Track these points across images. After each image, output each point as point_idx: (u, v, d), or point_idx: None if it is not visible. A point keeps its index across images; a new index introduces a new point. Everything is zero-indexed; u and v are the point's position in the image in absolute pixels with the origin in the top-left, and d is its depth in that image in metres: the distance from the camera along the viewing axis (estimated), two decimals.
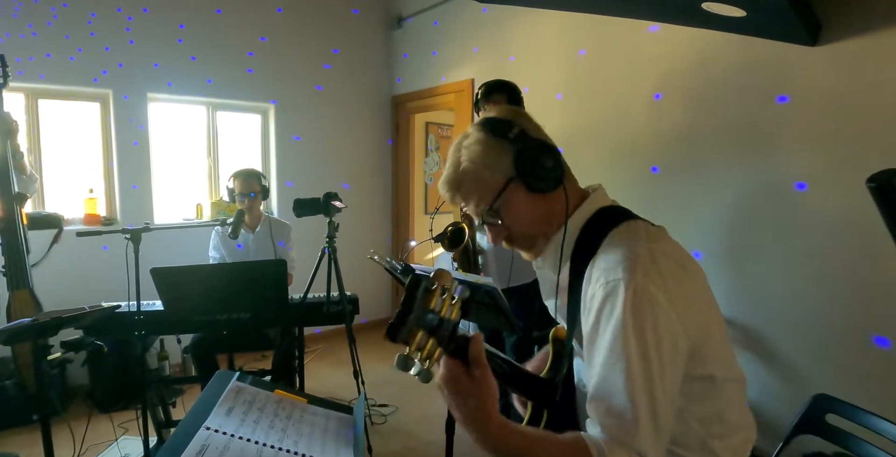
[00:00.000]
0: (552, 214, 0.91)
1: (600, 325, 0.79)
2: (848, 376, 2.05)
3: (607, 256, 0.82)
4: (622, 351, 0.75)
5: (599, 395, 0.78)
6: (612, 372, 0.76)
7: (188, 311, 2.12)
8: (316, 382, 3.34)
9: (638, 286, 0.76)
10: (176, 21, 3.44)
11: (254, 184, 2.80)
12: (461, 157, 0.90)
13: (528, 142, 0.87)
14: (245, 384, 1.01)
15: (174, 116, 3.68)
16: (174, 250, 3.19)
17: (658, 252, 0.81)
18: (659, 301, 0.76)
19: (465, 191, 0.91)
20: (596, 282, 0.80)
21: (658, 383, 0.75)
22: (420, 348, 0.66)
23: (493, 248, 2.37)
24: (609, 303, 0.78)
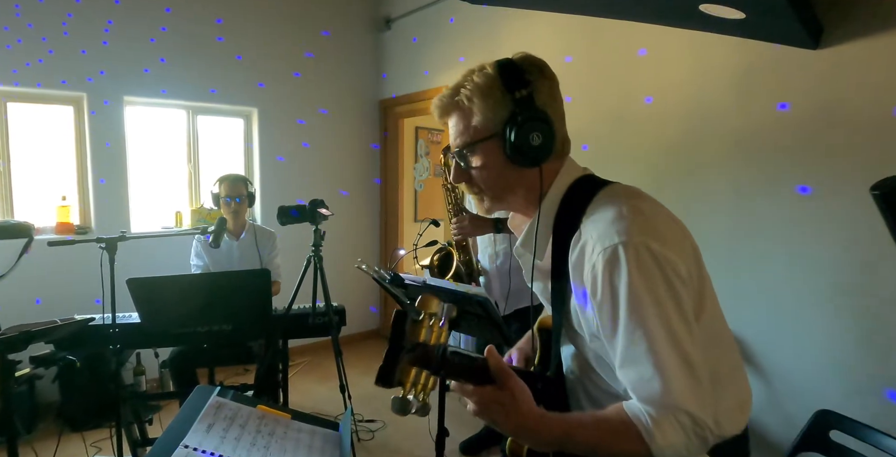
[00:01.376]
0: (517, 185, 0.92)
1: (609, 293, 0.78)
2: (852, 392, 2.05)
3: (595, 224, 0.82)
4: (640, 314, 0.75)
5: (627, 363, 0.78)
6: (635, 337, 0.76)
7: (166, 323, 2.10)
8: (301, 396, 3.31)
9: (638, 245, 0.76)
10: (155, 22, 3.43)
11: (241, 188, 2.79)
12: (463, 87, 0.90)
13: (528, 109, 0.86)
14: (226, 400, 1.00)
15: (152, 121, 3.66)
16: (152, 260, 3.16)
17: (643, 208, 0.82)
18: (663, 254, 0.77)
19: (451, 120, 0.92)
20: (592, 252, 0.80)
21: (684, 337, 0.75)
22: (415, 384, 0.66)
23: (496, 270, 2.34)
24: (612, 269, 0.77)
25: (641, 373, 0.76)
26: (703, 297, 0.83)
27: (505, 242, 2.33)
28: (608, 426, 0.76)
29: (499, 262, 2.34)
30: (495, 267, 2.34)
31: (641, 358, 0.75)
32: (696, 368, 0.75)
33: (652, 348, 0.74)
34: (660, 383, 0.74)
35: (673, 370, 0.74)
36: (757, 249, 2.30)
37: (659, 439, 0.73)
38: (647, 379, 0.75)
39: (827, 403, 1.72)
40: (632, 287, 0.76)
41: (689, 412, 0.73)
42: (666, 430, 0.73)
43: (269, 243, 2.90)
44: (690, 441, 0.74)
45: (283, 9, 3.96)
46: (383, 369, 0.65)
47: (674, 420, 0.73)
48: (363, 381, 3.61)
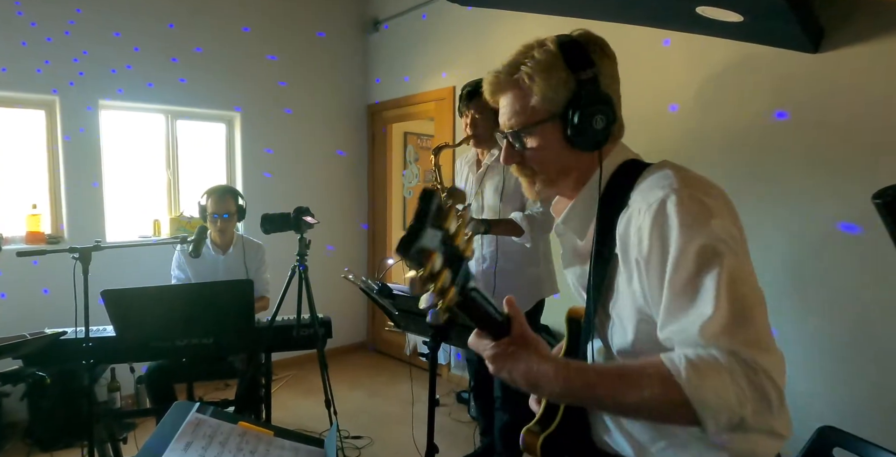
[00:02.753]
0: (572, 169, 0.90)
1: (659, 247, 0.74)
2: (856, 408, 2.06)
3: (642, 193, 0.81)
4: (691, 256, 0.70)
5: (670, 316, 0.71)
6: (684, 285, 0.70)
7: (143, 336, 2.07)
8: (284, 412, 3.28)
9: (686, 195, 0.74)
10: (131, 24, 3.42)
11: (230, 203, 2.75)
12: (524, 64, 0.87)
13: (593, 91, 0.85)
14: (205, 416, 0.98)
15: (129, 125, 3.63)
16: (128, 271, 3.13)
17: (692, 175, 0.81)
18: (713, 204, 0.74)
19: (507, 98, 0.90)
20: (639, 214, 0.77)
21: (742, 276, 0.69)
22: (434, 274, 0.59)
23: (482, 273, 2.36)
24: (660, 219, 0.74)
25: (686, 319, 0.68)
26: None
27: (492, 244, 2.32)
28: (633, 370, 0.69)
29: (485, 265, 2.34)
30: (481, 270, 2.34)
31: (689, 303, 0.69)
32: (756, 312, 0.68)
33: (702, 291, 0.68)
34: (704, 323, 0.66)
35: (725, 310, 0.66)
36: (754, 257, 2.31)
37: (693, 380, 0.63)
38: (691, 323, 0.68)
39: (829, 418, 1.73)
40: (681, 228, 0.72)
41: (740, 353, 0.64)
42: (703, 371, 0.63)
43: (256, 257, 2.87)
44: (742, 392, 0.63)
45: (268, 10, 3.97)
46: (405, 239, 0.57)
47: (717, 362, 0.64)
48: (350, 395, 3.59)
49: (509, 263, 2.30)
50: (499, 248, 2.30)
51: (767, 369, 0.64)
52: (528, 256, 2.31)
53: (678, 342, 0.69)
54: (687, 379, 0.63)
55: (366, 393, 3.68)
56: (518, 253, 2.29)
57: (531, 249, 2.26)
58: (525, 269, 2.33)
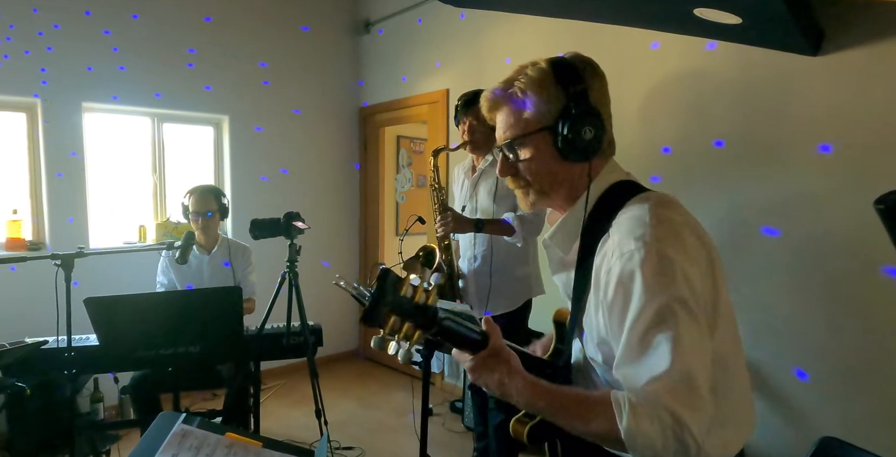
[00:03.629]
0: (564, 181, 0.97)
1: (621, 295, 0.82)
2: (858, 418, 2.06)
3: (619, 229, 0.88)
4: (649, 312, 0.79)
5: (627, 361, 0.81)
6: (640, 336, 0.79)
7: (128, 345, 2.06)
8: (273, 422, 3.26)
9: (655, 251, 0.81)
10: (115, 25, 3.41)
11: (211, 202, 2.76)
12: (517, 80, 0.95)
13: (582, 104, 0.92)
14: (192, 427, 0.98)
15: (114, 128, 3.61)
16: (113, 278, 3.11)
17: (666, 217, 0.86)
18: (679, 262, 0.81)
19: (501, 113, 0.98)
20: (612, 255, 0.85)
21: (688, 341, 0.77)
22: (395, 331, 0.78)
23: (473, 272, 2.44)
24: (627, 272, 0.82)
25: (637, 368, 0.79)
26: (716, 316, 0.86)
27: (484, 244, 2.40)
28: (587, 402, 0.82)
29: (476, 264, 2.43)
30: (472, 270, 2.43)
31: (646, 356, 0.78)
32: (697, 375, 0.76)
33: (654, 347, 0.78)
34: (651, 377, 0.76)
35: (670, 371, 0.76)
36: (754, 262, 2.32)
37: (631, 424, 0.75)
38: (639, 373, 0.78)
39: (830, 428, 1.72)
40: (645, 286, 0.80)
41: (673, 411, 0.74)
42: (641, 418, 0.75)
43: (243, 259, 2.87)
44: (667, 441, 0.74)
45: (256, 12, 3.97)
46: (365, 312, 0.78)
47: (653, 413, 0.75)
48: (341, 405, 3.57)
49: (501, 263, 2.39)
50: (492, 248, 2.38)
51: (692, 426, 0.74)
52: (519, 257, 2.41)
53: (627, 386, 0.81)
54: (626, 425, 0.76)
55: (357, 403, 3.66)
56: (510, 254, 2.39)
57: (521, 250, 2.36)
58: (516, 269, 2.43)
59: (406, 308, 0.78)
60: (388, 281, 0.77)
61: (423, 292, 0.79)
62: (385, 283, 0.77)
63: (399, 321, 0.78)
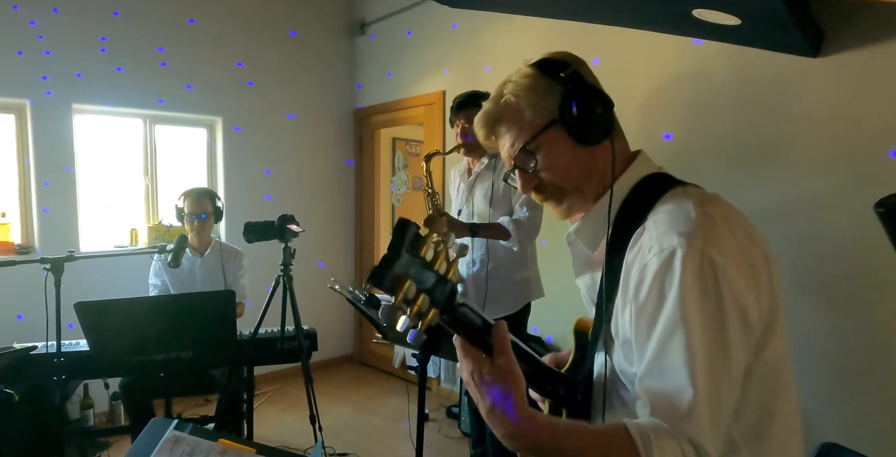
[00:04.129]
0: (592, 170, 0.90)
1: (656, 296, 0.75)
2: (858, 424, 2.06)
3: (657, 223, 0.80)
4: (682, 324, 0.72)
5: (651, 373, 0.74)
6: (669, 347, 0.73)
7: (119, 351, 2.05)
8: (267, 428, 3.24)
9: (699, 253, 0.74)
10: (107, 25, 3.40)
11: (206, 204, 2.77)
12: (505, 90, 0.90)
13: (579, 84, 0.87)
14: (184, 434, 0.97)
15: (105, 130, 3.60)
16: (104, 282, 3.09)
17: (717, 215, 0.79)
18: (724, 268, 0.74)
19: (502, 128, 0.91)
20: (648, 251, 0.78)
21: (721, 362, 0.72)
22: (408, 300, 0.62)
23: (472, 277, 2.44)
24: (666, 271, 0.74)
25: (667, 386, 0.72)
26: (770, 332, 0.79)
27: (482, 249, 2.41)
28: (602, 438, 0.72)
29: (475, 269, 2.43)
30: (472, 274, 2.44)
31: (672, 371, 0.72)
32: (722, 402, 0.72)
33: (688, 364, 0.71)
34: (683, 404, 0.70)
35: (701, 394, 0.70)
36: None
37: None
38: (671, 393, 0.71)
39: (830, 433, 1.71)
40: (682, 295, 0.73)
41: (699, 446, 0.69)
42: (666, 453, 0.68)
43: (235, 262, 2.88)
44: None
45: (250, 12, 3.97)
46: (376, 270, 0.61)
47: (677, 447, 0.69)
48: (335, 410, 3.56)
49: (499, 267, 2.40)
50: (489, 252, 2.39)
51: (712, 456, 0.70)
52: (518, 261, 2.42)
53: (647, 404, 0.74)
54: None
55: (352, 408, 3.65)
56: (508, 257, 2.40)
57: (519, 253, 2.38)
58: (514, 272, 2.43)
59: (426, 275, 0.63)
60: (407, 235, 0.62)
61: (446, 262, 0.65)
62: (403, 237, 0.62)
63: (415, 290, 0.62)
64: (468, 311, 0.71)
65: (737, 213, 0.83)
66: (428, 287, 0.63)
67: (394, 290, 0.61)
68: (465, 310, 0.70)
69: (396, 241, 0.61)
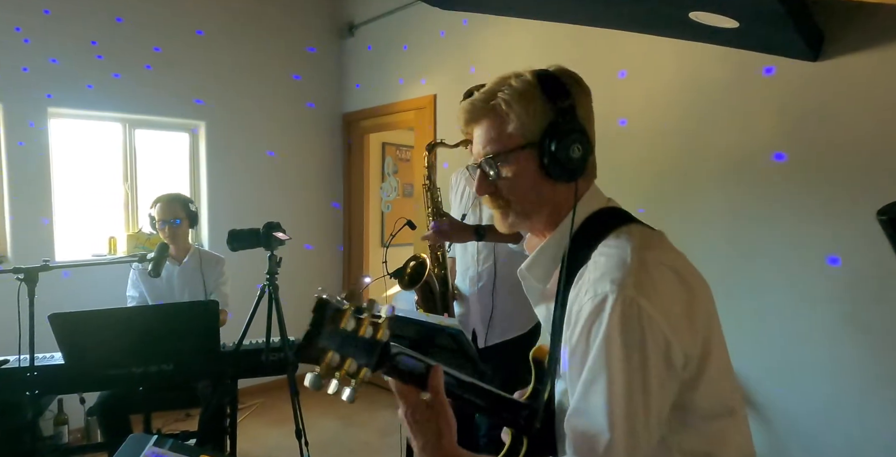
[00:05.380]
0: (546, 202, 0.93)
1: (585, 340, 0.81)
2: (860, 436, 2.06)
3: (597, 265, 0.84)
4: (605, 369, 0.78)
5: (577, 412, 0.81)
6: (593, 390, 0.79)
7: (95, 364, 2.03)
8: (251, 444, 3.21)
9: (627, 299, 0.78)
10: (85, 24, 3.38)
11: (178, 209, 2.76)
12: (500, 91, 0.91)
13: (570, 120, 0.89)
14: (164, 450, 0.95)
15: (83, 135, 3.57)
16: (80, 293, 3.05)
17: (651, 261, 0.83)
18: (651, 316, 0.78)
19: (482, 126, 0.93)
20: (585, 294, 0.83)
21: (640, 408, 0.78)
22: (333, 367, 0.71)
23: (477, 294, 2.25)
24: (596, 317, 0.80)
25: (588, 427, 0.78)
26: (702, 369, 0.83)
27: (490, 260, 2.21)
28: None
29: (480, 284, 2.24)
30: (476, 290, 2.24)
31: (593, 412, 0.78)
32: (639, 445, 0.78)
33: (608, 406, 0.77)
34: (602, 445, 0.76)
35: (619, 437, 0.76)
36: (755, 275, 2.33)
37: None
38: (591, 435, 0.78)
39: (834, 449, 1.71)
40: (607, 340, 0.78)
41: None
42: None
43: (215, 270, 2.86)
44: None
45: (235, 13, 3.97)
46: (299, 346, 0.71)
47: None
48: (322, 424, 3.52)
49: (508, 280, 2.18)
50: (497, 262, 2.21)
51: None
52: None
53: (574, 443, 0.80)
54: None
55: (340, 422, 3.62)
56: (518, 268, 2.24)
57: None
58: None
59: (347, 343, 0.72)
60: (325, 313, 0.71)
61: (371, 326, 0.73)
62: (322, 315, 0.71)
63: (339, 357, 0.71)
64: (407, 358, 0.79)
65: (675, 257, 0.89)
66: (353, 354, 0.72)
67: (318, 361, 0.70)
68: (402, 358, 0.78)
69: (316, 319, 0.71)
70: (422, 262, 2.27)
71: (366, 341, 0.73)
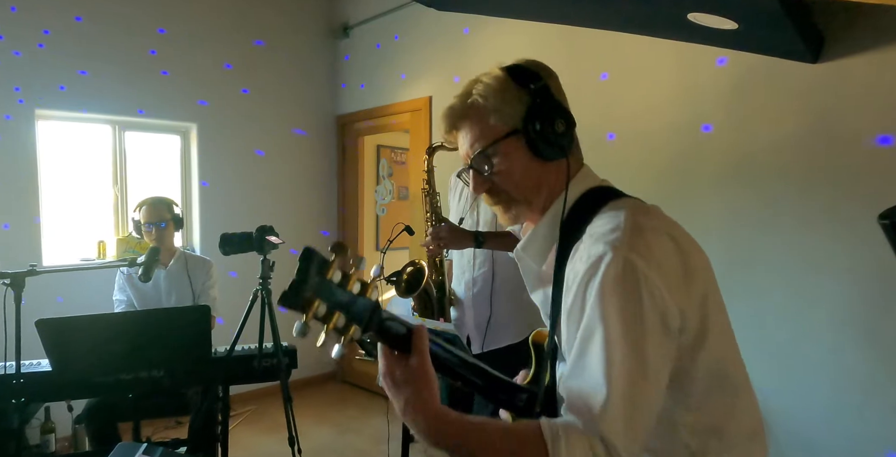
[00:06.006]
0: (543, 183, 0.95)
1: (581, 300, 0.82)
2: (861, 443, 2.06)
3: (591, 234, 0.86)
4: (601, 325, 0.78)
5: (572, 372, 0.80)
6: (588, 347, 0.78)
7: (84, 371, 2.01)
8: (243, 452, 3.19)
9: (622, 259, 0.79)
10: (72, 24, 3.35)
11: (163, 212, 2.74)
12: (474, 89, 0.95)
13: (547, 99, 0.93)
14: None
15: (71, 137, 3.54)
16: (68, 298, 3.03)
17: (646, 225, 0.85)
18: (646, 274, 0.79)
19: (465, 127, 0.96)
20: (580, 260, 0.84)
21: (638, 363, 0.77)
22: (320, 318, 0.69)
23: (472, 299, 2.23)
24: (591, 276, 0.81)
25: (584, 385, 0.77)
26: (702, 330, 0.84)
27: (486, 264, 2.19)
28: (513, 435, 0.77)
29: (475, 289, 2.22)
30: (471, 295, 2.23)
31: (589, 371, 0.77)
32: (639, 404, 0.76)
33: (604, 364, 0.76)
34: (599, 401, 0.75)
35: (615, 394, 0.75)
36: (754, 280, 2.33)
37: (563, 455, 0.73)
38: (587, 393, 0.76)
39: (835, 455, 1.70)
40: (602, 297, 0.79)
41: (610, 443, 0.73)
42: (575, 451, 0.73)
43: (202, 273, 2.84)
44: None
45: (227, 13, 3.96)
46: (284, 293, 0.68)
47: (586, 444, 0.73)
48: (316, 432, 3.50)
49: (506, 286, 2.16)
50: (494, 267, 2.18)
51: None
52: None
53: (569, 402, 0.79)
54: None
55: (334, 429, 3.60)
56: (515, 274, 2.20)
57: None
58: (522, 293, 2.22)
59: (335, 295, 0.70)
60: (313, 261, 0.70)
61: (358, 282, 0.72)
62: (310, 263, 0.69)
63: (326, 308, 0.69)
64: (396, 324, 0.77)
65: (671, 224, 0.90)
66: (341, 304, 0.70)
67: (304, 309, 0.68)
68: (391, 323, 0.77)
69: (303, 266, 0.69)
70: (419, 268, 2.24)
71: (354, 298, 0.71)
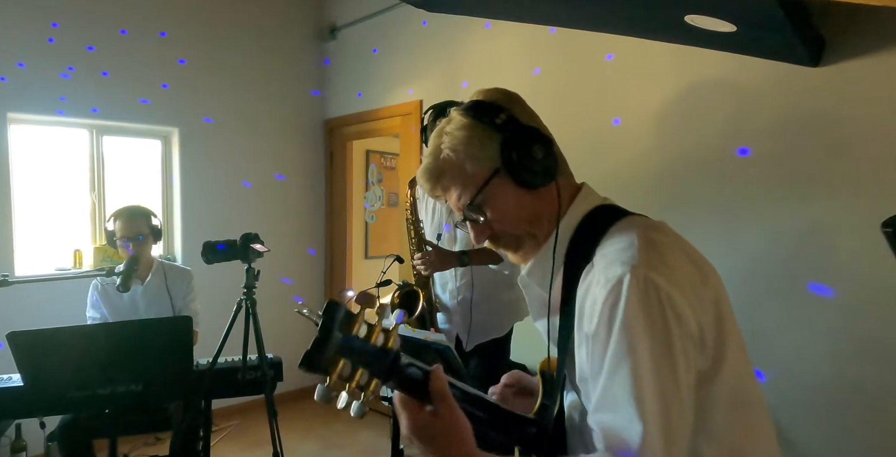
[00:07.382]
0: (541, 213, 0.95)
1: (606, 327, 0.80)
2: (861, 451, 2.07)
3: (605, 256, 0.86)
4: (630, 357, 0.77)
5: (602, 405, 0.79)
6: (616, 380, 0.77)
7: (57, 385, 1.98)
8: None
9: (643, 278, 0.79)
10: (48, 28, 3.32)
11: (141, 224, 2.69)
12: (442, 144, 0.94)
13: (516, 129, 0.92)
14: None
15: (45, 142, 3.51)
16: (42, 309, 2.99)
17: (659, 240, 0.85)
18: (669, 294, 0.79)
19: (446, 182, 0.96)
20: (597, 285, 0.83)
21: (671, 383, 0.76)
22: (344, 378, 0.68)
23: (458, 304, 2.45)
24: (614, 301, 0.79)
25: (618, 418, 0.76)
26: (721, 349, 0.83)
27: (467, 275, 2.42)
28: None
29: (460, 297, 2.45)
30: (457, 303, 2.45)
31: (621, 401, 0.76)
32: (674, 427, 0.76)
33: (636, 393, 0.75)
34: (636, 435, 0.74)
35: (651, 425, 0.74)
36: (753, 287, 2.33)
37: None
38: (622, 426, 0.76)
39: None
40: (628, 322, 0.78)
41: None
42: None
43: (182, 285, 2.81)
44: None
45: (210, 15, 3.94)
46: (307, 353, 0.66)
47: None
48: (302, 447, 3.47)
49: (484, 292, 2.41)
50: (473, 278, 2.40)
51: None
52: (505, 281, 2.42)
53: (602, 439, 0.78)
54: None
55: (321, 444, 3.57)
56: (492, 281, 2.41)
57: (506, 274, 2.40)
58: (500, 295, 2.44)
59: (360, 351, 0.68)
60: (337, 315, 0.68)
61: (382, 333, 0.71)
62: (332, 318, 0.67)
63: (350, 367, 0.67)
64: (414, 370, 0.75)
65: (681, 239, 0.91)
66: (363, 363, 0.69)
67: (328, 370, 0.67)
68: (411, 370, 0.74)
69: (327, 321, 0.67)
70: (410, 292, 2.44)
71: (377, 350, 0.70)
